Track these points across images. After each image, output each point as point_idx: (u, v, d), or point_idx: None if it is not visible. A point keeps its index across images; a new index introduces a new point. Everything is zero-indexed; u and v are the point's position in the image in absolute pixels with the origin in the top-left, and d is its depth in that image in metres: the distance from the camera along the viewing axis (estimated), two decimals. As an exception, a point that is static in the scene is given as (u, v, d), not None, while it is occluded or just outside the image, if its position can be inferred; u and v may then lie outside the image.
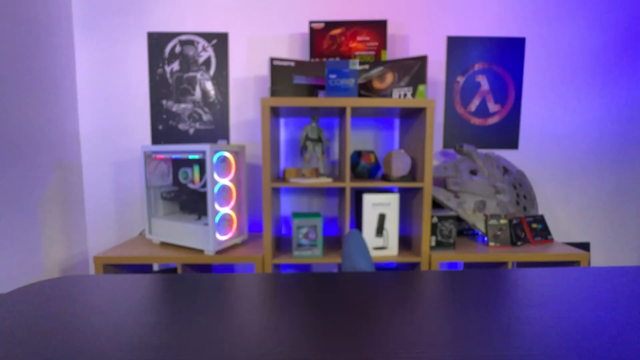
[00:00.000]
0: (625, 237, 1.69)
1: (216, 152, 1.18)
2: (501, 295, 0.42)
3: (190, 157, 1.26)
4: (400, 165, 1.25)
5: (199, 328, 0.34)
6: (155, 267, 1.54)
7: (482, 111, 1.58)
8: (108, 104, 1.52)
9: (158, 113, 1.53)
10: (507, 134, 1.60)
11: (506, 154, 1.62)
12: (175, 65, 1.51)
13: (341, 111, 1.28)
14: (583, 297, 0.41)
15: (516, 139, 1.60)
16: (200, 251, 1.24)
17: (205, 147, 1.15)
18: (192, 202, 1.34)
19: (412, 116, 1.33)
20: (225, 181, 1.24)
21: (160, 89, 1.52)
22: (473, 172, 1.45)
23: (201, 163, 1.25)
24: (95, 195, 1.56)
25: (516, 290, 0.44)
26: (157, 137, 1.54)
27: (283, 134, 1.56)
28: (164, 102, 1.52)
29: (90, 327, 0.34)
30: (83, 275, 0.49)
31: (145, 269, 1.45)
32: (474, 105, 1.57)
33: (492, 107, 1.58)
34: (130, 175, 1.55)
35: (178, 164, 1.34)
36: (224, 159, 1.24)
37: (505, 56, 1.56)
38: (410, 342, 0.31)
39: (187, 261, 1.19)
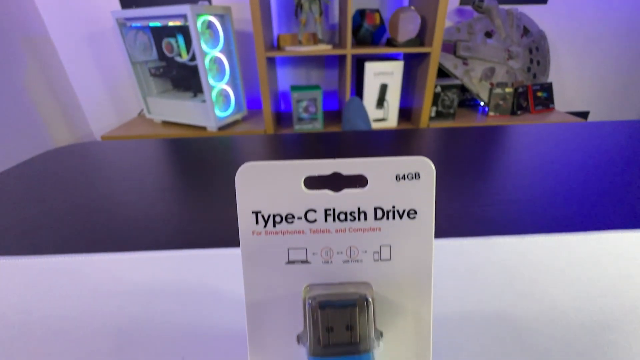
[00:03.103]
0: (623, 109, 1.67)
1: (198, 15, 1.03)
2: (498, 149, 0.45)
3: (171, 23, 1.11)
4: (408, 26, 1.11)
5: (211, 179, 0.38)
6: (163, 147, 1.60)
7: (516, -51, 1.28)
8: (53, -47, 1.22)
9: (118, -35, 1.25)
10: (539, -18, 1.34)
11: (532, 10, 1.41)
12: None
13: (342, -47, 1.04)
14: (584, 149, 0.44)
15: (548, -10, 1.36)
16: (203, 128, 1.26)
17: (185, 8, 1.00)
18: (183, 79, 1.27)
19: (429, -42, 1.09)
20: (215, 52, 1.14)
21: None
22: (488, 35, 1.30)
23: (184, 31, 1.11)
24: (80, 76, 1.46)
25: (514, 144, 0.47)
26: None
27: (273, -9, 1.32)
28: (121, -53, 1.22)
29: (109, 189, 0.38)
30: (97, 141, 0.51)
31: (153, 148, 1.51)
32: (507, -60, 1.26)
33: (530, -58, 1.26)
34: (110, 50, 1.41)
35: (158, 34, 1.19)
36: (209, 25, 1.09)
37: None
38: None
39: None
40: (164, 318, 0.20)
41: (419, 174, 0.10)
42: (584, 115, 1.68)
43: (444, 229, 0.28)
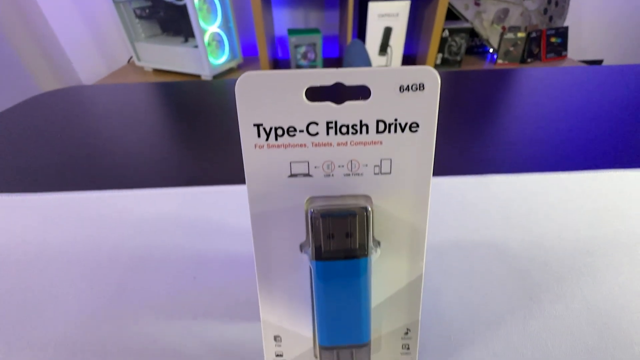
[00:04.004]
0: (639, 58, 1.58)
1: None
2: (503, 93, 0.44)
3: (153, -47, 1.00)
4: (417, -42, 0.99)
5: (209, 122, 0.37)
6: (157, 97, 1.54)
7: None
8: None
9: None
10: None
11: (556, -60, 1.25)
12: None
13: None
14: (596, 93, 0.42)
15: None
16: (197, 76, 1.21)
17: None
18: (172, 21, 1.18)
19: None
20: (205, -11, 1.04)
21: None
22: (505, -31, 1.18)
23: (169, -37, 1.00)
24: (61, 21, 1.35)
25: (520, 88, 0.45)
26: None
27: None
28: None
29: (108, 130, 0.37)
30: (92, 85, 0.49)
31: (147, 98, 1.46)
32: None
33: None
34: (89, -13, 1.28)
35: (141, -33, 1.08)
36: (195, -44, 0.98)
37: None
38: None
39: (187, 87, 1.18)
40: (173, 245, 0.21)
41: (423, 85, 0.10)
42: (597, 64, 1.60)
43: (442, 168, 0.29)
